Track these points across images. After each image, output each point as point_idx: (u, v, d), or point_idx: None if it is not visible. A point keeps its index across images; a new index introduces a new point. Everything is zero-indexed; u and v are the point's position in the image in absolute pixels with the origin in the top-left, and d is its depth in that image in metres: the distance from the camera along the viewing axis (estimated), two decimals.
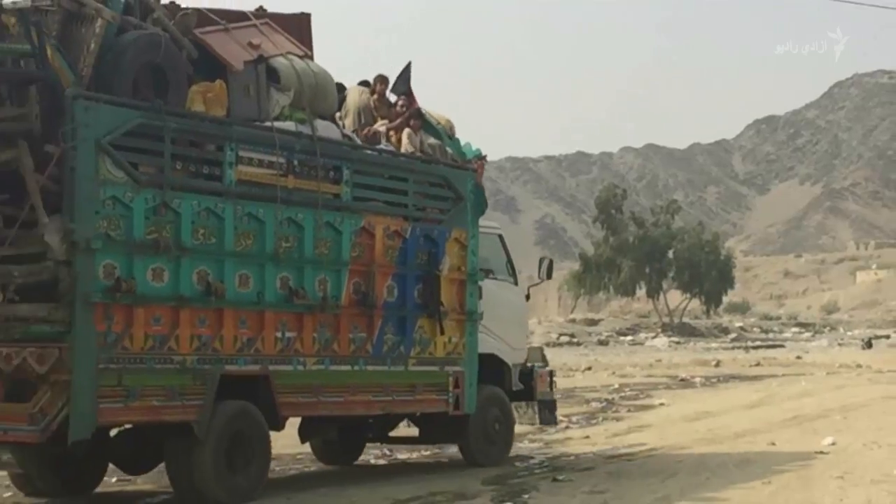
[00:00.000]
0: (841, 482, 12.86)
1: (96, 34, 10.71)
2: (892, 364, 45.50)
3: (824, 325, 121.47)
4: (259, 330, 11.67)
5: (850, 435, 18.13)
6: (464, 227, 13.99)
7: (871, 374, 39.12)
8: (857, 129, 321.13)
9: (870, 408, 24.19)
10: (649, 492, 12.26)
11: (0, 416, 10.45)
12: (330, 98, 13.23)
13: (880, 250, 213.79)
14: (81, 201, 10.25)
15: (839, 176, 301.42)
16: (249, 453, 11.67)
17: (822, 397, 27.61)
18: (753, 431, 19.35)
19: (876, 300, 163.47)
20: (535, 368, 16.08)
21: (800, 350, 64.77)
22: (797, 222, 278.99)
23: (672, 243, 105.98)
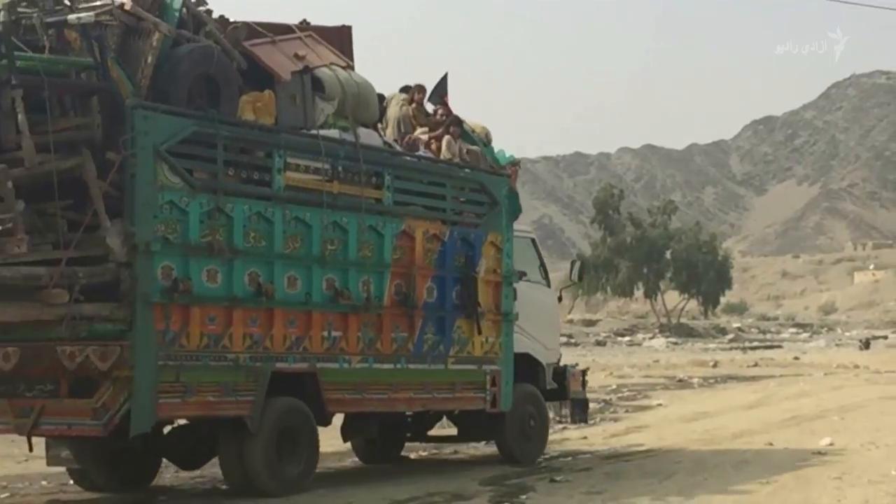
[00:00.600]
0: (839, 483, 12.95)
1: (153, 47, 11.21)
2: (889, 365, 45.87)
3: (822, 326, 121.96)
4: (307, 329, 12.17)
5: (847, 435, 18.24)
6: (499, 230, 14.50)
7: (869, 375, 39.37)
8: (855, 129, 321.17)
9: (867, 408, 24.38)
10: (647, 492, 12.33)
11: (64, 411, 10.96)
12: (372, 107, 13.78)
13: (878, 251, 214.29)
14: (141, 206, 10.76)
15: (837, 176, 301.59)
16: (298, 447, 12.18)
17: (820, 398, 27.69)
18: (751, 432, 19.49)
19: (873, 301, 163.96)
20: (568, 368, 16.60)
21: (797, 351, 65.12)
22: (795, 223, 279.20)
23: (670, 244, 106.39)
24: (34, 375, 11.11)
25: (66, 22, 10.80)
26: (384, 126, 14.46)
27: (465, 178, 14.43)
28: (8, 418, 11.31)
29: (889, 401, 26.29)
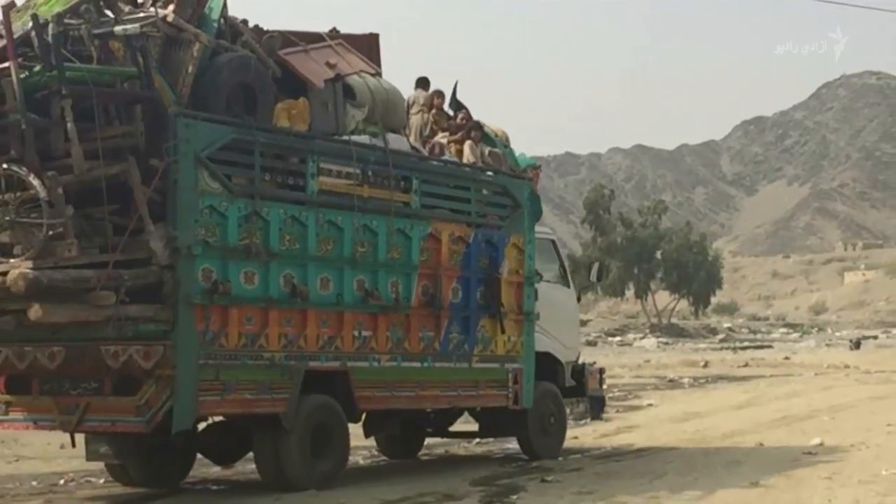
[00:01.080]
0: (829, 483, 13.01)
1: (194, 57, 11.61)
2: (879, 365, 46.03)
3: (812, 326, 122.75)
4: (339, 329, 12.59)
5: (838, 435, 18.31)
6: (521, 232, 14.93)
7: (859, 375, 39.51)
8: (845, 129, 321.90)
9: (857, 408, 24.51)
10: (638, 493, 12.40)
11: (108, 408, 11.39)
12: (399, 112, 14.27)
13: (868, 251, 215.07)
14: (183, 210, 11.18)
15: (827, 177, 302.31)
16: (330, 443, 12.61)
17: (810, 398, 27.77)
18: (742, 432, 19.61)
19: (864, 301, 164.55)
20: (587, 366, 17.06)
21: (788, 351, 65.35)
22: (785, 223, 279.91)
23: (660, 244, 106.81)
24: (79, 374, 11.51)
25: (112, 33, 11.16)
26: (407, 131, 14.87)
27: (488, 181, 14.87)
28: (53, 415, 11.75)
29: (879, 401, 26.51)
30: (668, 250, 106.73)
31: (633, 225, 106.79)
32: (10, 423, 12.23)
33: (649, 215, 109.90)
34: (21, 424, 12.20)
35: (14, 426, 12.36)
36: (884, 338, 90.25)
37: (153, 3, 12.06)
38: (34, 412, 11.94)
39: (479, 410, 15.59)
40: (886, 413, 22.38)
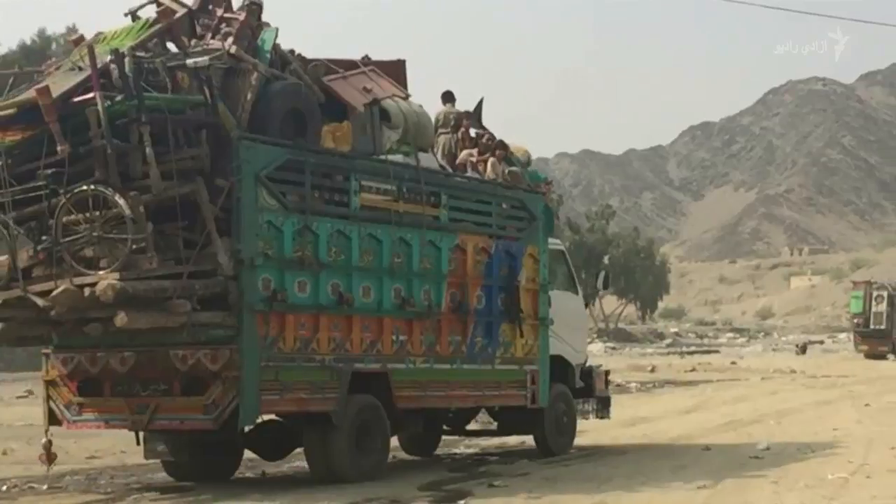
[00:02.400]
0: (775, 487, 13.22)
1: (252, 85, 12.85)
2: (825, 369, 46.90)
3: (759, 331, 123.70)
4: (379, 334, 13.84)
5: (783, 440, 18.60)
6: (536, 243, 16.27)
7: (806, 380, 40.13)
8: (792, 135, 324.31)
9: (804, 413, 25.03)
10: (585, 497, 12.62)
11: (177, 408, 12.64)
12: (429, 133, 15.54)
13: (814, 256, 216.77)
14: (245, 226, 12.39)
15: (773, 182, 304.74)
16: (373, 440, 13.83)
17: (757, 402, 28.23)
18: (689, 436, 19.98)
19: (810, 306, 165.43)
20: (594, 368, 18.41)
21: (735, 355, 65.56)
22: (732, 228, 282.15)
23: (608, 249, 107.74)
24: (148, 377, 12.74)
25: (185, 66, 12.36)
26: (435, 149, 16.11)
27: (507, 196, 16.17)
28: (125, 415, 12.99)
29: (825, 405, 27.11)
30: (616, 255, 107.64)
31: (580, 230, 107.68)
32: (82, 423, 13.41)
33: (597, 220, 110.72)
34: (93, 424, 13.41)
35: (87, 426, 13.52)
36: (829, 343, 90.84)
37: (213, 36, 13.27)
38: (106, 412, 13.17)
39: (498, 410, 16.90)
40: (832, 417, 23.08)
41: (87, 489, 13.98)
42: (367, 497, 12.57)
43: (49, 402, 13.46)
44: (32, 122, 12.20)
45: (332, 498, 12.50)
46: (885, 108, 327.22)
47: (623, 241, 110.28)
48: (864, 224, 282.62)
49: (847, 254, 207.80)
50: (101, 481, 14.78)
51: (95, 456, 17.48)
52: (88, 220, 11.81)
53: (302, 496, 12.79)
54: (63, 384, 13.32)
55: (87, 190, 11.74)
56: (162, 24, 13.01)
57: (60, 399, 13.37)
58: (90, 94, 11.88)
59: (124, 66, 11.97)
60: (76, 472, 15.68)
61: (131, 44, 12.53)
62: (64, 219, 11.88)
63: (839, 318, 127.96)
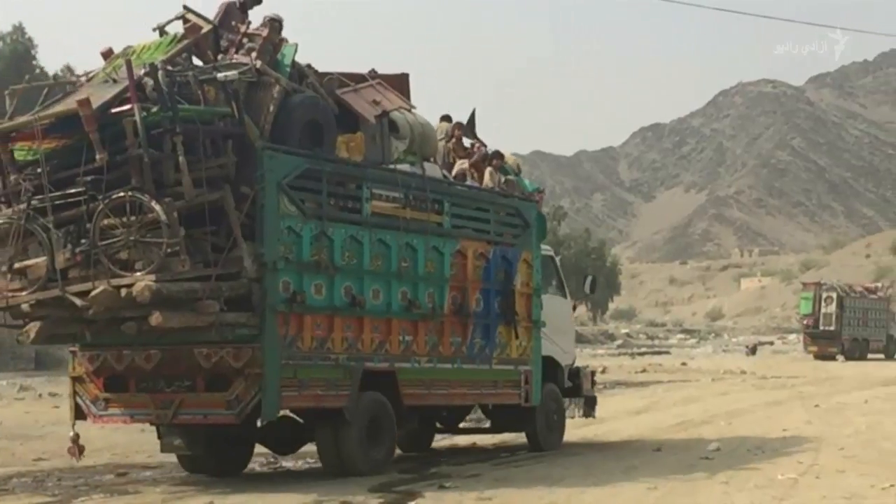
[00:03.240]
0: (726, 487, 13.37)
1: (274, 98, 13.57)
2: (775, 370, 47.27)
3: (709, 332, 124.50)
4: (387, 334, 14.62)
5: (734, 441, 18.83)
6: (530, 249, 17.10)
7: (756, 381, 40.46)
8: (742, 137, 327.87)
9: (754, 413, 25.28)
10: (536, 498, 12.76)
11: (201, 403, 13.35)
12: (432, 143, 16.37)
13: (764, 257, 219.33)
14: (268, 231, 13.13)
15: (724, 184, 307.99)
16: (381, 434, 14.61)
17: (708, 403, 28.44)
18: (640, 437, 20.16)
19: (760, 307, 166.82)
20: (581, 369, 19.31)
21: (685, 356, 66.02)
22: (682, 229, 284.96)
23: (559, 250, 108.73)
24: (173, 373, 13.44)
25: (215, 79, 13.13)
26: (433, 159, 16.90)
27: (504, 204, 16.99)
28: (150, 410, 13.69)
29: (775, 406, 27.50)
30: (567, 256, 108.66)
31: None
32: (108, 418, 14.11)
33: (548, 221, 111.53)
34: (119, 419, 14.11)
35: (113, 420, 14.21)
36: (779, 344, 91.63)
37: (237, 50, 14.05)
38: (132, 408, 13.88)
39: (492, 408, 17.72)
40: (782, 418, 23.44)
41: (34, 491, 14.20)
42: (317, 498, 12.81)
43: (75, 398, 14.18)
44: (69, 131, 12.86)
45: (280, 501, 12.84)
46: (835, 111, 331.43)
47: (574, 243, 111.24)
48: (814, 225, 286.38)
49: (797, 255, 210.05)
50: (48, 483, 14.98)
51: (43, 458, 17.70)
52: (125, 225, 12.48)
53: (252, 497, 13.11)
54: (89, 380, 14.02)
55: (125, 196, 12.43)
56: (189, 39, 13.76)
57: (87, 395, 14.07)
58: (127, 105, 12.56)
59: (159, 80, 12.69)
60: (23, 474, 15.89)
61: (162, 58, 13.25)
62: (101, 223, 12.58)
63: (789, 320, 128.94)
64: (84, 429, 14.18)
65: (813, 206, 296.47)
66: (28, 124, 12.98)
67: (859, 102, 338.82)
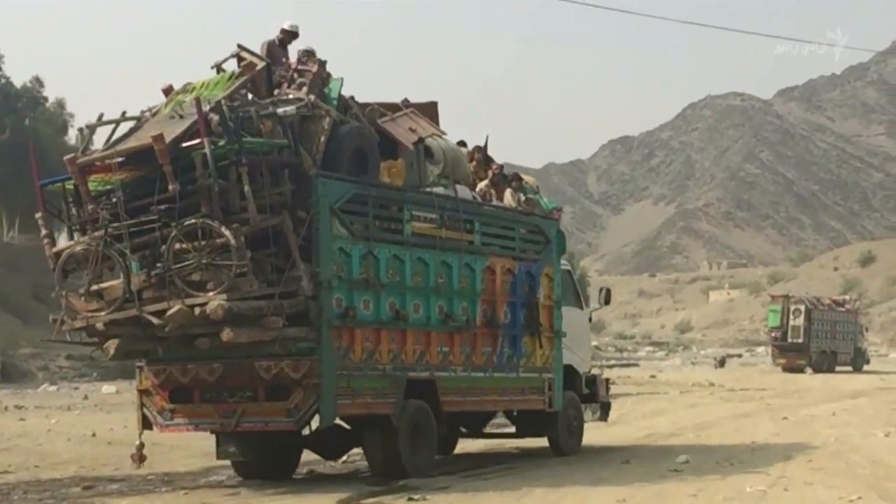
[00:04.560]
0: (694, 500, 13.51)
1: (325, 129, 14.87)
2: (743, 383, 48.03)
3: (678, 344, 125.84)
4: (427, 345, 15.90)
5: (702, 453, 19.02)
6: (551, 264, 18.46)
7: (724, 393, 40.98)
8: (710, 150, 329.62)
9: (723, 426, 25.62)
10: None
11: (262, 412, 14.59)
12: (463, 167, 17.67)
13: (732, 270, 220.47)
14: (323, 252, 14.38)
15: (692, 196, 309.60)
16: (423, 439, 15.86)
17: (676, 415, 28.69)
18: (608, 449, 20.32)
19: (728, 319, 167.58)
20: (598, 376, 20.70)
21: (654, 369, 66.44)
22: (651, 242, 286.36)
23: None
24: (235, 385, 14.68)
25: (276, 114, 14.37)
26: None
27: (527, 222, 18.33)
28: (214, 419, 14.94)
29: (743, 418, 27.78)
30: None
31: None
32: (174, 427, 15.33)
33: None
34: (185, 428, 15.33)
35: (178, 429, 15.42)
36: (747, 356, 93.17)
37: (288, 85, 15.30)
38: (196, 417, 15.12)
39: (516, 414, 19.05)
40: (751, 431, 23.80)
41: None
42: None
43: (143, 409, 15.41)
44: (141, 164, 14.08)
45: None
46: (803, 124, 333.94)
47: None
48: (782, 238, 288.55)
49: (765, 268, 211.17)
50: (14, 497, 15.20)
51: (8, 471, 17.96)
52: (196, 249, 13.67)
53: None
54: (156, 393, 15.25)
55: (197, 223, 13.63)
56: (247, 76, 15.01)
57: (153, 406, 15.30)
58: (197, 139, 13.77)
59: (226, 115, 13.92)
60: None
61: (224, 94, 14.47)
62: (174, 247, 13.78)
63: (757, 332, 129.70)
64: (50, 441, 14.96)
65: (781, 218, 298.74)
66: (105, 158, 14.18)
67: (827, 116, 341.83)
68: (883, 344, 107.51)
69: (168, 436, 16.45)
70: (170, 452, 19.46)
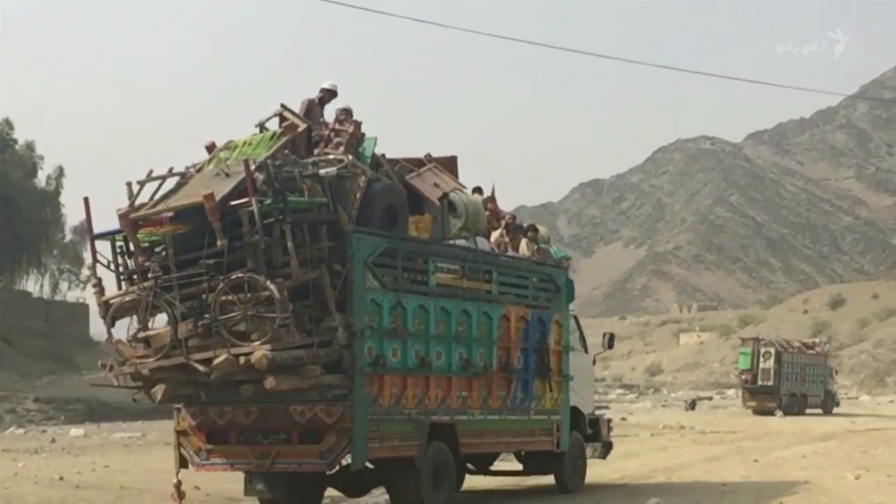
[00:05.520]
0: None
1: (360, 187, 15.84)
2: (714, 425, 48.47)
3: (648, 387, 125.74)
4: (448, 390, 16.87)
5: (673, 495, 19.43)
6: (560, 311, 19.58)
7: (695, 435, 41.26)
8: (680, 193, 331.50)
9: (693, 468, 25.98)
10: None
11: (296, 454, 15.49)
12: (482, 220, 18.70)
13: (703, 313, 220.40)
14: (357, 303, 15.31)
15: (662, 239, 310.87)
16: (444, 479, 16.87)
17: (647, 458, 28.96)
18: (580, 492, 20.43)
19: (698, 362, 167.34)
20: (600, 417, 21.85)
21: (624, 411, 65.57)
22: (622, 285, 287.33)
23: None
24: (269, 428, 15.56)
25: (317, 175, 15.30)
26: None
27: (539, 271, 19.41)
28: (249, 459, 15.82)
29: (714, 461, 28.17)
30: None
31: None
32: (210, 466, 16.20)
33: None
34: (220, 467, 16.20)
35: (215, 468, 16.28)
36: (718, 398, 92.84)
37: (325, 145, 16.25)
38: (232, 457, 16.00)
39: (525, 453, 20.03)
40: (721, 473, 24.29)
41: None
42: None
43: (179, 449, 16.30)
44: (188, 219, 14.97)
45: None
46: (772, 167, 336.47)
47: None
48: (752, 281, 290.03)
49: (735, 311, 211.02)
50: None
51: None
52: (242, 301, 14.56)
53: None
54: (193, 434, 16.14)
55: (244, 276, 14.53)
56: (288, 136, 15.95)
57: (190, 446, 16.19)
58: (244, 198, 14.66)
59: (272, 175, 14.83)
60: None
61: (267, 154, 15.40)
62: (220, 299, 14.66)
63: (727, 375, 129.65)
64: (17, 485, 15.40)
65: (751, 261, 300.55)
66: (156, 213, 15.06)
67: (796, 159, 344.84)
68: (853, 387, 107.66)
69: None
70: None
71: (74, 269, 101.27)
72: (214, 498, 19.99)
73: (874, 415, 60.20)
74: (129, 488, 19.74)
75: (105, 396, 75.12)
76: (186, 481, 16.76)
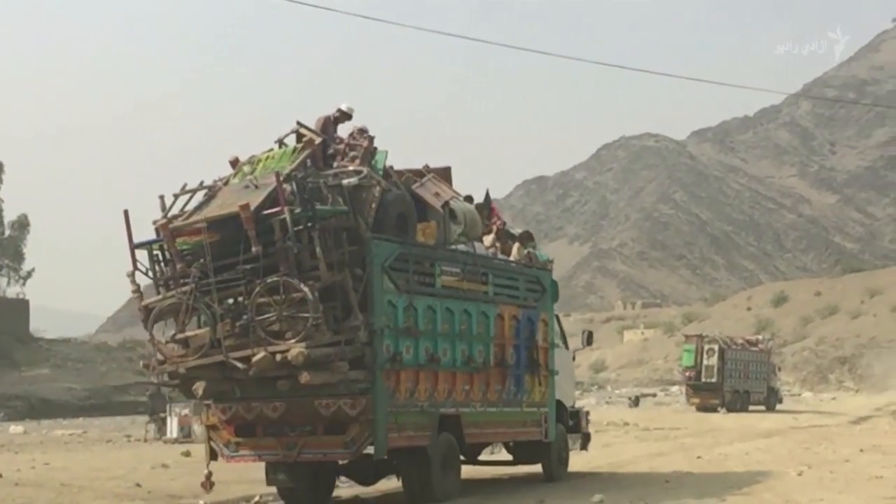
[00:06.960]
0: None
1: (375, 197, 17.29)
2: (658, 422, 49.27)
3: (593, 384, 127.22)
4: (453, 385, 18.40)
5: (617, 491, 19.79)
6: (546, 310, 21.26)
7: (639, 432, 41.79)
8: (625, 190, 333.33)
9: (637, 465, 26.46)
10: None
11: (321, 444, 16.98)
12: (479, 226, 20.24)
13: (647, 310, 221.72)
14: (376, 305, 16.78)
15: (607, 236, 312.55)
16: (451, 468, 18.45)
17: (591, 455, 27.96)
18: (522, 488, 21.07)
19: (643, 359, 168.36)
20: (580, 410, 23.67)
21: None
22: (566, 282, 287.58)
23: None
24: (295, 421, 17.01)
25: (341, 186, 16.75)
26: None
27: (528, 273, 21.05)
28: (276, 451, 17.27)
29: (658, 457, 28.68)
30: None
31: None
32: (239, 458, 17.63)
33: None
34: (248, 459, 17.66)
35: (243, 460, 17.71)
36: (662, 395, 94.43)
37: (341, 158, 17.71)
38: (259, 449, 17.46)
39: (514, 444, 21.71)
40: (664, 469, 24.76)
41: None
42: None
43: (210, 442, 17.73)
44: (222, 228, 16.38)
45: None
46: (716, 165, 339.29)
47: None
48: (696, 278, 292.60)
49: (679, 308, 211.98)
50: None
51: None
52: (276, 303, 16.01)
53: None
54: (222, 427, 17.57)
55: (279, 280, 15.96)
56: (308, 150, 17.38)
57: (220, 439, 17.62)
58: (276, 207, 16.10)
59: (300, 186, 16.28)
60: None
61: (291, 167, 16.84)
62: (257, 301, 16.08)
63: (671, 372, 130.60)
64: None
65: (695, 259, 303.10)
66: (194, 223, 16.49)
67: (740, 157, 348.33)
68: (796, 383, 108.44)
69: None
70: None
71: (14, 264, 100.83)
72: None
73: (817, 411, 61.10)
74: (69, 485, 20.56)
75: (45, 393, 75.27)
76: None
